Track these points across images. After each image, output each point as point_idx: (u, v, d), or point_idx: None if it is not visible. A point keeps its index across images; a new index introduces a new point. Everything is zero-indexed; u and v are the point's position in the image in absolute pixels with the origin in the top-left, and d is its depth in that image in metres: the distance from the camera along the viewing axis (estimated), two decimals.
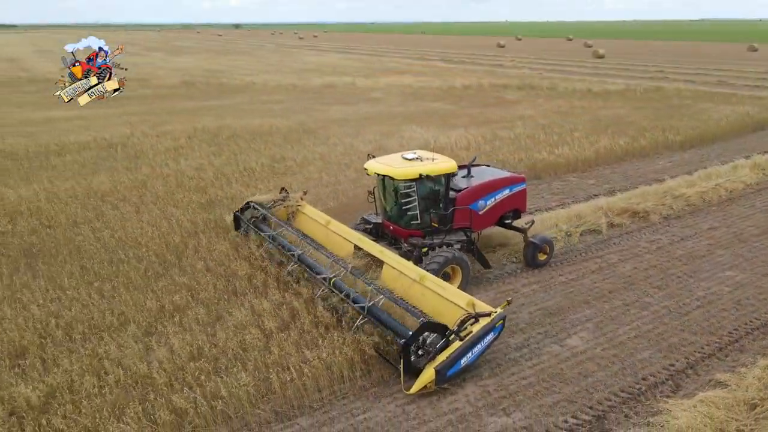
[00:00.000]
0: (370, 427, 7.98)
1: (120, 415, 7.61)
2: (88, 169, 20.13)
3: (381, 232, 12.85)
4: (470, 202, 12.20)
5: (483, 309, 9.12)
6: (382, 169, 11.62)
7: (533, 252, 12.83)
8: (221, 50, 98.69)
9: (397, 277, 10.49)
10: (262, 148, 23.18)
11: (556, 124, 27.25)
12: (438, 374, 8.42)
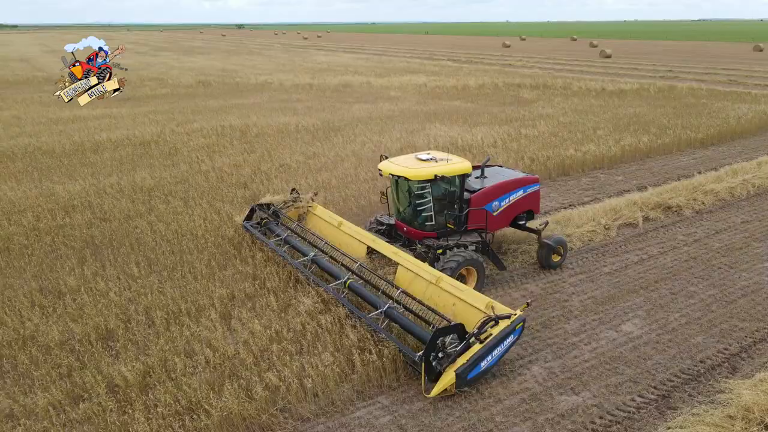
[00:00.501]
0: (448, 405, 8.45)
1: (219, 390, 8.08)
2: (127, 166, 20.60)
3: (394, 233, 12.77)
4: (485, 203, 12.10)
5: (502, 311, 9.02)
6: (397, 170, 11.49)
7: (547, 253, 12.76)
8: (230, 50, 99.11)
9: (412, 278, 10.40)
10: (293, 145, 23.65)
11: (578, 122, 27.70)
12: (458, 378, 8.36)
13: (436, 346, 8.42)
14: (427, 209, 11.67)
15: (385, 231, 12.83)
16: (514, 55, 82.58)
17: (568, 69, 59.51)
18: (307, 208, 13.94)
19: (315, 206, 13.89)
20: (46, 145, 23.65)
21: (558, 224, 15.02)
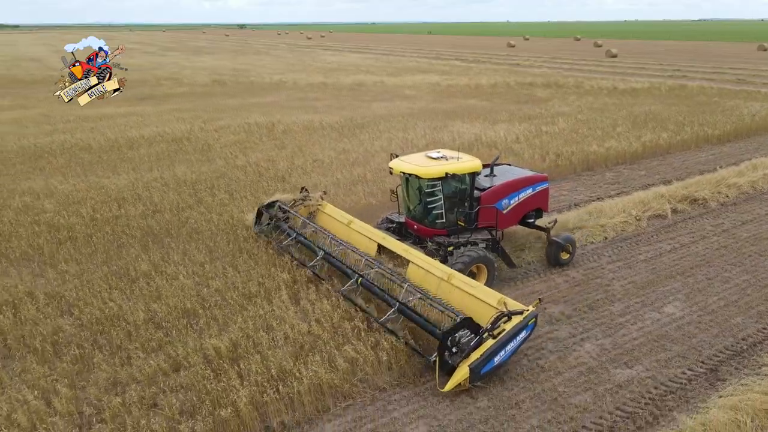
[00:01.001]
0: (512, 377, 9.10)
1: (305, 361, 8.73)
2: (165, 161, 21.25)
3: (404, 231, 12.82)
4: (495, 200, 12.18)
5: (515, 307, 9.16)
6: (408, 168, 11.54)
7: (556, 251, 12.86)
8: (237, 50, 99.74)
9: (423, 275, 10.49)
10: (322, 141, 24.30)
11: (595, 119, 28.34)
12: (472, 372, 8.48)
13: (447, 346, 8.56)
14: (437, 207, 11.75)
15: (395, 229, 12.90)
16: (520, 54, 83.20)
17: (576, 68, 60.16)
18: (317, 207, 14.01)
19: (325, 205, 13.98)
20: (81, 141, 24.31)
21: (590, 215, 15.66)
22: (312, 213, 13.98)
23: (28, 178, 19.01)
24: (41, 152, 22.51)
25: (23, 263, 12.50)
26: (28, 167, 20.42)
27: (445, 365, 8.63)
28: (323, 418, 8.18)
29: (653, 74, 52.13)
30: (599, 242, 14.49)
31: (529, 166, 20.07)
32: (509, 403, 8.52)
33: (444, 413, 8.30)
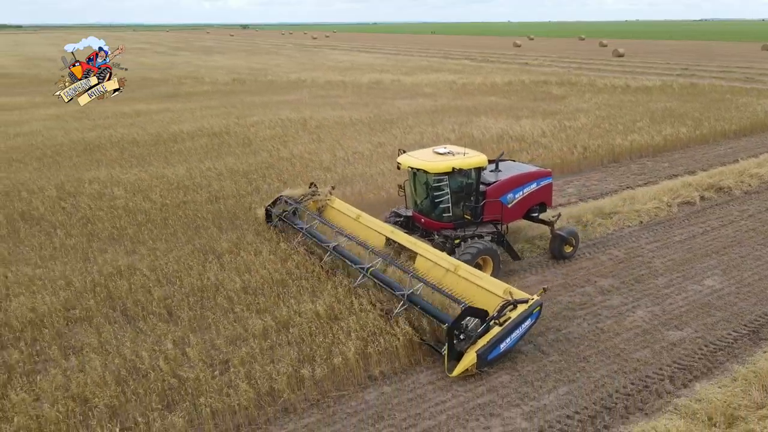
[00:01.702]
0: (576, 337, 10.20)
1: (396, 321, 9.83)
2: (211, 153, 22.36)
3: (411, 224, 13.13)
4: (500, 195, 12.54)
5: (520, 296, 9.52)
6: (416, 163, 11.91)
7: (560, 244, 13.24)
8: (246, 50, 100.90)
9: (431, 267, 10.83)
10: (356, 135, 25.40)
11: (615, 115, 29.44)
12: (479, 358, 8.86)
13: (461, 324, 8.93)
14: (444, 201, 12.06)
15: (402, 223, 13.20)
16: (528, 54, 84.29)
17: (586, 67, 61.24)
18: (325, 202, 14.33)
19: (333, 199, 14.34)
20: (127, 135, 25.43)
21: (624, 202, 16.74)
22: (321, 208, 14.34)
23: (88, 169, 20.13)
24: (92, 146, 23.63)
25: (114, 243, 13.62)
26: (84, 159, 21.55)
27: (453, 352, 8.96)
28: (416, 369, 9.30)
29: (662, 73, 53.22)
30: (635, 226, 15.60)
31: (559, 158, 21.41)
32: (578, 358, 9.63)
33: (522, 365, 9.41)
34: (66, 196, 16.82)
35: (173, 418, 7.60)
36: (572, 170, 21.06)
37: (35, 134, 26.13)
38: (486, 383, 8.99)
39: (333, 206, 14.15)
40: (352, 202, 15.51)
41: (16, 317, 9.99)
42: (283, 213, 13.98)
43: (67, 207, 15.93)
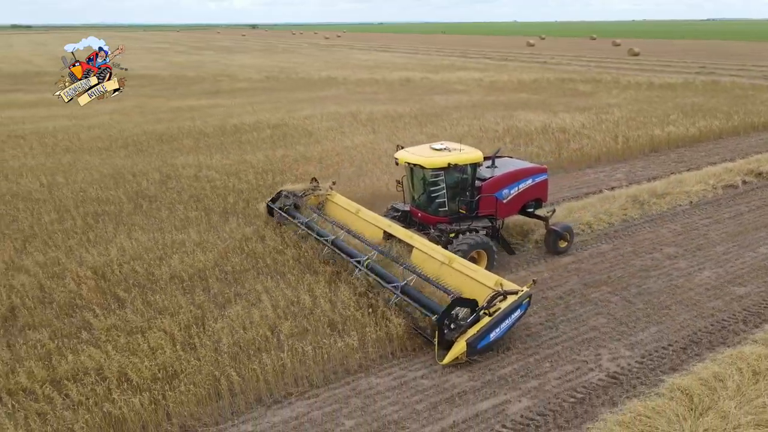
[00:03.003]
0: (650, 292, 11.86)
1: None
2: (279, 143, 24.12)
3: (409, 219, 13.44)
4: (495, 190, 12.82)
5: (510, 288, 9.82)
6: (413, 158, 12.22)
7: (554, 239, 13.59)
8: (265, 49, 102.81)
9: (426, 260, 11.14)
10: (407, 128, 27.10)
11: (647, 110, 31.04)
12: (469, 347, 9.14)
13: (451, 314, 9.22)
14: (440, 196, 12.39)
15: (400, 217, 13.55)
16: (543, 53, 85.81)
17: (604, 66, 62.76)
18: (326, 197, 14.65)
19: (333, 194, 14.64)
20: (193, 128, 27.23)
21: (673, 184, 18.39)
22: (321, 203, 14.68)
23: (174, 156, 21.92)
24: (166, 136, 25.44)
25: (230, 215, 15.37)
26: (165, 147, 23.36)
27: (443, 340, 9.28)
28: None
29: (680, 71, 54.69)
30: (686, 205, 17.25)
31: (605, 147, 23.05)
32: (660, 306, 11.30)
33: (614, 311, 11.09)
34: (166, 179, 18.61)
35: (348, 340, 9.34)
36: (617, 159, 22.70)
37: (106, 126, 27.97)
38: (585, 324, 10.67)
39: (333, 201, 14.46)
40: None
41: (183, 270, 11.76)
42: (284, 207, 14.27)
43: (173, 187, 17.71)
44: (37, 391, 8.00)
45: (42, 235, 13.98)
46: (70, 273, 11.64)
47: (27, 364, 8.59)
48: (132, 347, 8.99)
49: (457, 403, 8.57)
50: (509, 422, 8.18)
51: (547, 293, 11.89)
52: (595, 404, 8.53)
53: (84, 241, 13.52)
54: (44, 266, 12.11)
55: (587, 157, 22.23)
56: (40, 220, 14.91)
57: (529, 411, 8.41)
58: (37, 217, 15.10)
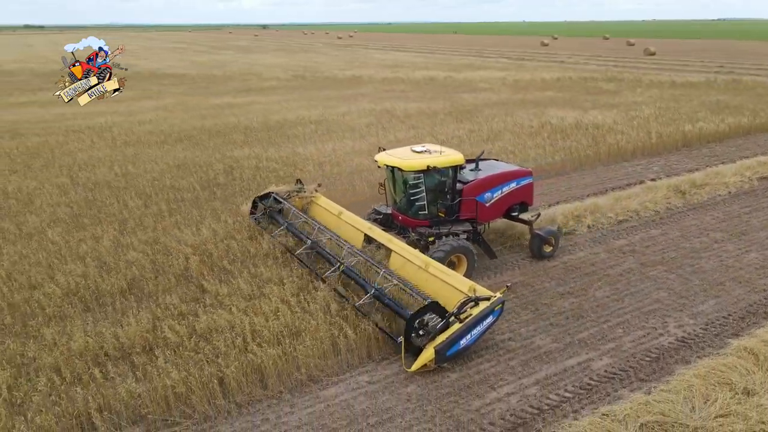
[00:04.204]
0: (704, 270, 12.84)
1: None
2: (326, 137, 25.26)
3: (390, 222, 13.33)
4: (477, 193, 12.65)
5: (483, 293, 9.61)
6: (392, 160, 12.04)
7: (539, 244, 13.37)
8: (283, 49, 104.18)
9: (403, 264, 11.03)
10: (444, 123, 28.17)
11: (674, 107, 31.89)
12: (438, 354, 8.92)
13: (413, 328, 9.09)
14: (420, 199, 12.22)
15: (381, 220, 13.46)
16: (559, 53, 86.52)
17: (622, 65, 63.47)
18: (310, 199, 14.55)
19: (318, 196, 14.57)
20: (238, 123, 28.47)
21: (711, 176, 19.34)
22: (306, 204, 14.59)
23: (229, 149, 23.11)
24: (214, 131, 26.65)
25: None
26: (219, 141, 24.56)
27: (413, 347, 9.17)
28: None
29: (699, 70, 55.35)
30: (725, 195, 18.19)
31: (640, 142, 23.99)
32: (715, 282, 12.27)
33: (672, 286, 12.09)
34: (230, 169, 19.78)
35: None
36: (651, 153, 23.63)
37: (155, 122, 29.25)
38: (648, 297, 11.68)
39: (318, 203, 14.42)
40: None
41: (276, 248, 12.88)
42: (268, 209, 14.22)
43: (239, 176, 18.88)
44: (185, 343, 9.16)
45: (133, 218, 15.18)
46: (173, 250, 12.82)
47: (167, 322, 9.76)
48: (254, 310, 10.11)
49: (545, 360, 9.65)
50: (595, 376, 9.24)
51: (607, 271, 12.92)
52: (669, 362, 9.57)
53: (174, 224, 14.70)
54: (147, 244, 13.30)
55: (623, 151, 23.18)
56: (127, 205, 16.12)
57: (611, 367, 9.46)
58: (123, 203, 16.32)
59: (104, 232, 14.03)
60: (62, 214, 15.53)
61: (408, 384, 9.02)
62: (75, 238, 13.74)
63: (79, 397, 7.92)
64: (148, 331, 9.51)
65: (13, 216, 15.42)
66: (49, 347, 9.16)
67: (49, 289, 10.97)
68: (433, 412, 8.40)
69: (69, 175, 19.41)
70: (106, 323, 9.91)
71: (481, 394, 8.81)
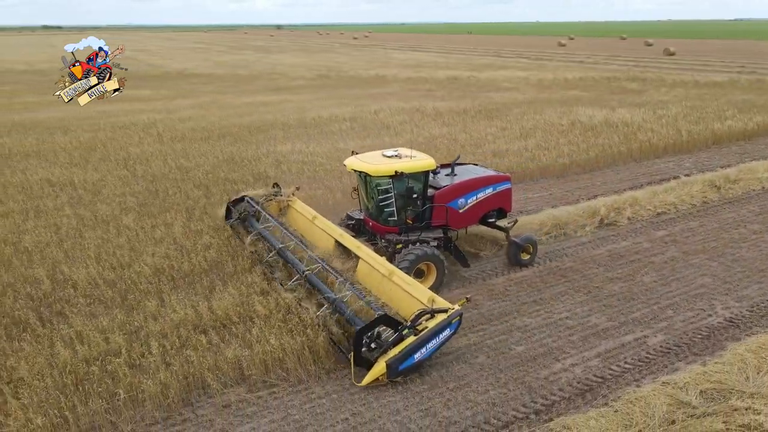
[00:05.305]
0: (745, 258, 13.48)
1: None
2: (363, 134, 26.12)
3: (362, 228, 13.07)
4: (449, 200, 12.26)
5: (442, 305, 9.28)
6: (359, 165, 11.74)
7: (515, 251, 13.01)
8: (302, 49, 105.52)
9: (369, 272, 10.77)
10: (476, 121, 28.90)
11: (700, 106, 32.33)
12: (389, 368, 8.58)
13: (362, 341, 8.72)
14: (389, 204, 11.86)
15: (353, 226, 13.21)
16: (577, 53, 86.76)
17: (643, 65, 63.66)
18: (287, 203, 14.32)
19: (294, 200, 14.29)
20: (275, 120, 29.43)
21: (744, 171, 19.91)
22: (283, 209, 14.35)
23: (272, 144, 24.05)
24: (253, 128, 27.64)
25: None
26: (261, 137, 25.52)
27: (363, 360, 8.77)
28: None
29: (721, 70, 55.48)
30: (759, 189, 18.76)
31: (672, 139, 24.55)
32: (757, 270, 12.91)
33: (716, 272, 12.76)
34: (278, 163, 20.70)
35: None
36: (682, 150, 24.17)
37: (195, 119, 30.30)
38: (693, 282, 12.36)
39: (294, 207, 14.13)
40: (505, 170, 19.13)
41: None
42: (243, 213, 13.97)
43: (287, 170, 19.79)
44: (274, 315, 10.07)
45: (198, 207, 16.12)
46: (242, 235, 13.70)
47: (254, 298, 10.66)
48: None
49: (603, 336, 10.39)
50: (652, 351, 9.96)
51: (651, 259, 13.62)
52: (720, 339, 10.27)
53: None
54: (216, 231, 14.23)
55: (654, 148, 23.75)
56: (189, 195, 17.08)
57: (666, 343, 10.18)
58: (185, 193, 17.28)
59: (174, 219, 14.97)
60: (130, 203, 16.54)
61: (477, 355, 9.81)
62: (148, 224, 14.70)
63: (192, 359, 8.82)
64: (239, 305, 10.40)
65: (86, 205, 16.43)
66: (153, 317, 10.09)
67: (139, 269, 11.93)
68: (506, 379, 9.19)
69: (126, 168, 20.46)
70: (198, 297, 10.81)
71: (546, 364, 9.58)
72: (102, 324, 9.86)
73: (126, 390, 8.23)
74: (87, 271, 11.92)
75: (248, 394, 8.65)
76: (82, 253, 13.00)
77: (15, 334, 9.74)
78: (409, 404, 8.57)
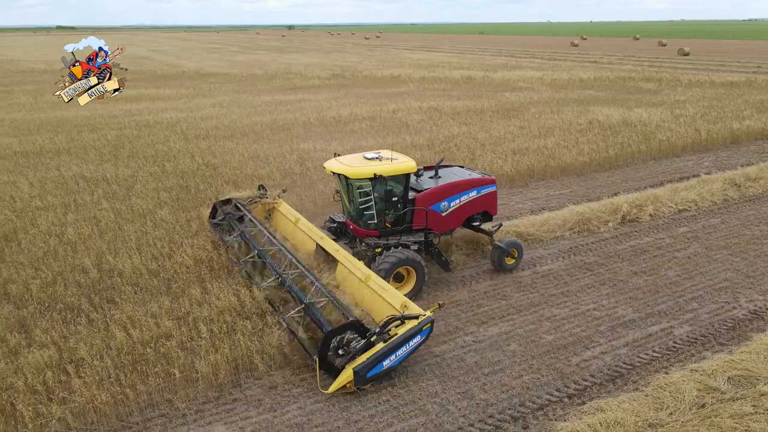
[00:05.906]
0: (732, 277, 13.71)
1: None
2: (383, 132, 26.52)
3: (344, 230, 12.94)
4: (430, 203, 12.05)
5: (414, 312, 9.11)
6: (339, 168, 11.55)
7: (500, 256, 12.81)
8: (316, 49, 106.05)
9: (347, 276, 10.70)
10: (494, 120, 29.20)
11: (717, 106, 32.41)
12: (356, 375, 8.41)
13: (331, 345, 8.62)
14: (369, 207, 11.67)
15: (335, 229, 13.07)
16: (591, 53, 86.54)
17: (657, 65, 63.49)
18: (272, 205, 14.19)
19: (280, 203, 14.15)
20: (295, 119, 29.93)
21: (762, 170, 20.06)
22: (269, 211, 14.24)
23: (294, 142, 24.53)
24: (275, 126, 28.17)
25: None
26: (283, 136, 26.03)
27: (330, 367, 8.67)
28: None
29: (736, 70, 55.25)
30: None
31: (691, 138, 24.71)
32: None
33: (741, 265, 13.01)
34: (303, 161, 21.17)
35: None
36: (701, 149, 24.36)
37: (216, 118, 30.88)
38: (717, 276, 12.64)
39: (279, 209, 14.06)
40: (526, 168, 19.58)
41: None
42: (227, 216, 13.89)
43: (311, 167, 20.23)
44: None
45: None
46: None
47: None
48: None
49: (630, 327, 10.72)
50: (678, 340, 10.28)
51: (674, 254, 13.92)
52: (745, 330, 10.57)
53: None
54: None
55: (673, 147, 23.94)
56: (220, 190, 17.58)
57: (692, 333, 10.49)
58: (216, 189, 17.80)
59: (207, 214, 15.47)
60: (164, 197, 17.08)
61: (510, 343, 10.19)
62: (183, 218, 15.23)
63: (240, 342, 9.28)
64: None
65: (122, 200, 17.01)
66: (198, 303, 10.57)
67: (180, 259, 12.43)
68: (538, 365, 9.56)
69: (155, 164, 21.04)
70: (239, 286, 11.28)
71: (577, 352, 9.94)
72: (152, 309, 10.39)
73: (180, 370, 8.71)
74: (131, 261, 12.48)
75: (293, 376, 9.11)
76: (124, 244, 13.56)
77: (70, 318, 10.30)
78: (447, 387, 8.98)
